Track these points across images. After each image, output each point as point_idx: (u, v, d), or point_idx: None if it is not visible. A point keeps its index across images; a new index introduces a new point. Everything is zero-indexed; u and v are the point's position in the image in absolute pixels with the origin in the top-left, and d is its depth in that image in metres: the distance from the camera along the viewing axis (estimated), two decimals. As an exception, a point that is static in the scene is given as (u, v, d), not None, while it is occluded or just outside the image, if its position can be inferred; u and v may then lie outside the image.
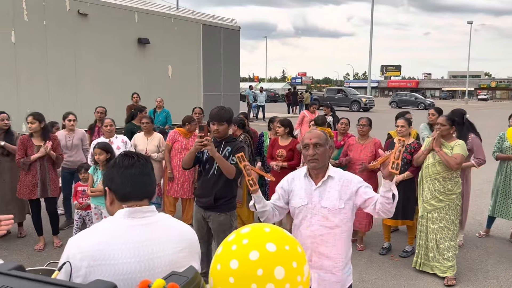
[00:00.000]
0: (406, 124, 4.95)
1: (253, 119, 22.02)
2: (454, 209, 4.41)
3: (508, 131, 5.39)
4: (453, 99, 69.37)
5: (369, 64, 34.67)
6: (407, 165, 4.87)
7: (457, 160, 4.29)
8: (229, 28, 18.26)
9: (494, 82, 75.08)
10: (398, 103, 37.81)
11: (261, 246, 1.29)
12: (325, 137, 2.50)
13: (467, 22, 55.23)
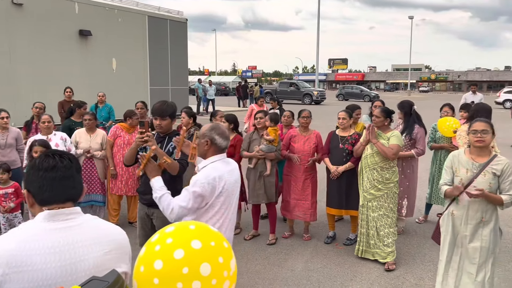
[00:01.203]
0: (347, 116, 5.08)
1: (203, 113, 21.83)
2: (392, 197, 4.61)
3: (438, 122, 5.70)
4: (397, 91, 72.40)
5: (316, 57, 35.34)
6: (349, 156, 5.01)
7: (393, 150, 4.47)
8: (176, 20, 17.90)
9: (433, 74, 79.16)
10: (345, 95, 38.89)
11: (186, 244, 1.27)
12: (203, 131, 2.74)
13: (408, 17, 57.80)
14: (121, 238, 1.56)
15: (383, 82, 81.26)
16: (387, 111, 4.68)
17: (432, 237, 3.76)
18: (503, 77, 70.26)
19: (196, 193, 2.58)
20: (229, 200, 2.72)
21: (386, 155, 4.49)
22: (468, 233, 3.32)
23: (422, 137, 5.34)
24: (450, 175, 3.41)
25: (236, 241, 5.29)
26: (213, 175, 2.61)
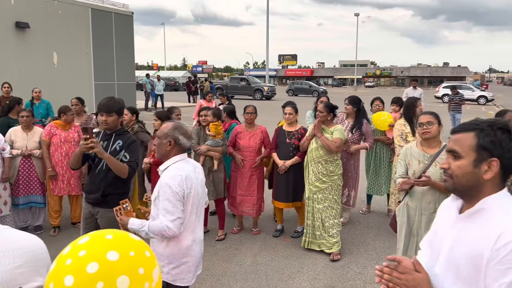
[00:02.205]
0: (293, 112, 5.17)
1: (151, 109, 21.35)
2: (336, 189, 4.75)
3: (373, 117, 5.95)
4: (344, 87, 74.53)
5: (266, 53, 35.60)
6: (295, 150, 5.10)
7: (337, 144, 4.61)
8: (121, 13, 17.35)
9: (378, 70, 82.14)
10: (295, 91, 39.47)
11: (101, 256, 1.17)
12: (164, 131, 2.62)
13: (354, 14, 59.51)
14: (38, 250, 1.40)
15: (331, 78, 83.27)
16: (331, 106, 4.81)
17: (390, 224, 3.97)
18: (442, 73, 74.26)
19: (176, 197, 2.50)
20: (197, 200, 2.67)
21: (330, 148, 4.62)
22: (423, 223, 3.48)
23: (369, 130, 5.59)
24: (404, 168, 3.57)
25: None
26: (180, 174, 2.54)
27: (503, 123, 1.42)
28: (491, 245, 1.30)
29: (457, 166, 1.43)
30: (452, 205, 1.55)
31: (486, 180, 1.40)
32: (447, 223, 1.52)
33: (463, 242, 1.41)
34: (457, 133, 1.47)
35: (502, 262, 1.28)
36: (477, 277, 1.34)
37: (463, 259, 1.38)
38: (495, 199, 1.39)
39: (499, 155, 1.38)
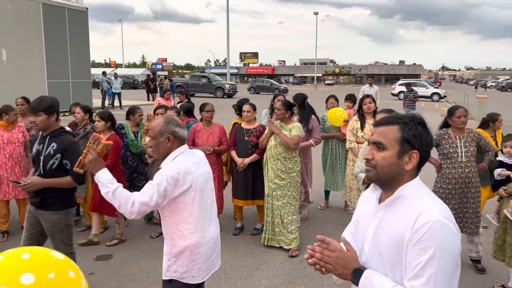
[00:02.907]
0: (252, 109, 5.17)
1: (108, 107, 20.77)
2: (295, 186, 4.80)
3: (328, 113, 6.06)
4: (305, 84, 75.57)
5: (227, 51, 35.47)
6: (254, 148, 5.10)
7: (295, 140, 4.65)
8: (75, 9, 16.77)
9: (338, 68, 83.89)
10: (256, 89, 39.60)
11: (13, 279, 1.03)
12: (158, 130, 2.45)
13: (314, 13, 60.25)
14: None
15: (292, 76, 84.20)
16: (288, 104, 4.84)
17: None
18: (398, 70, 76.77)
19: (162, 187, 2.33)
20: (201, 195, 2.51)
21: (288, 145, 4.65)
22: None
23: (317, 127, 5.66)
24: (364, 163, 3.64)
25: (142, 240, 5.14)
26: (178, 169, 2.39)
27: (421, 119, 1.53)
28: (410, 227, 1.39)
29: (382, 157, 1.50)
30: (371, 196, 1.64)
31: (407, 170, 1.49)
32: (368, 213, 1.60)
33: (385, 229, 1.49)
34: (382, 126, 1.53)
35: (420, 242, 1.37)
36: (400, 260, 1.43)
37: (387, 245, 1.47)
38: (411, 186, 1.49)
39: (419, 147, 1.49)
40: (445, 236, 1.37)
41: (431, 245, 1.35)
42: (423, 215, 1.39)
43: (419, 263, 1.36)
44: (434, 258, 1.35)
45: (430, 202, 1.46)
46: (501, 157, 3.97)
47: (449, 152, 4.22)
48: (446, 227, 1.38)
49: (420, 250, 1.37)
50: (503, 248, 3.87)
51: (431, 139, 1.53)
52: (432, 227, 1.36)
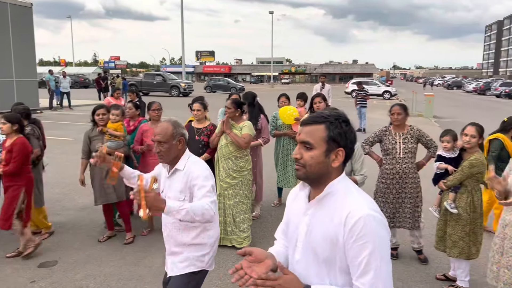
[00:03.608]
0: (202, 108, 5.11)
1: (57, 108, 19.95)
2: (246, 184, 4.79)
3: (280, 111, 6.13)
4: (262, 83, 75.98)
5: (182, 49, 35.01)
6: (205, 147, 5.05)
7: (246, 139, 4.65)
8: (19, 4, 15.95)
9: (294, 67, 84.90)
10: (213, 87, 39.38)
11: None
12: (170, 133, 2.51)
13: (269, 12, 60.73)
14: None
15: (249, 75, 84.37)
16: (238, 102, 4.83)
17: None
18: (351, 69, 78.77)
19: (211, 182, 2.54)
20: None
21: (239, 144, 4.64)
22: None
23: (266, 126, 5.70)
24: None
25: (90, 245, 4.95)
26: (206, 165, 2.63)
27: (345, 117, 1.57)
28: (343, 226, 1.44)
29: (310, 156, 1.52)
30: (300, 194, 1.66)
31: (334, 168, 1.53)
32: (299, 211, 1.63)
33: (316, 225, 1.52)
34: (309, 125, 1.55)
35: (358, 239, 1.41)
36: (335, 256, 1.47)
37: (319, 241, 1.50)
38: (338, 182, 1.54)
39: (344, 145, 1.53)
40: (378, 228, 1.43)
41: (369, 240, 1.40)
42: (353, 212, 1.43)
43: (362, 259, 1.41)
44: (375, 251, 1.40)
45: (358, 197, 1.50)
46: (440, 151, 4.14)
47: (388, 148, 4.37)
48: (377, 219, 1.44)
49: (360, 247, 1.41)
50: (444, 239, 4.04)
51: (355, 136, 1.57)
52: (366, 222, 1.41)
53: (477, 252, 3.91)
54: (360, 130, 14.14)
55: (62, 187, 7.27)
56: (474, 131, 3.79)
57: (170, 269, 2.69)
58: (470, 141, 3.80)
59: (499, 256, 3.18)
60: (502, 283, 3.12)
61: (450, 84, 59.20)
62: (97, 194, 4.86)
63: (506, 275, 3.08)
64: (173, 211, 2.24)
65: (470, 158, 3.81)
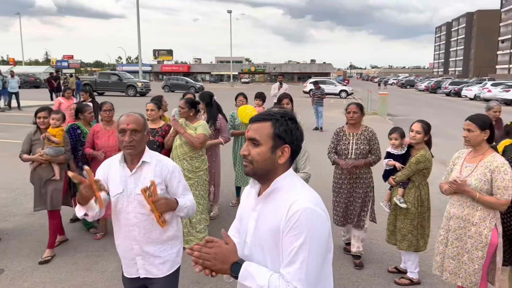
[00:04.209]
0: (155, 108, 5.03)
1: (5, 109, 18.99)
2: (202, 185, 4.76)
3: (239, 110, 6.15)
4: (222, 83, 75.74)
5: (139, 47, 34.27)
6: (160, 148, 4.97)
7: (200, 139, 4.61)
8: (-40, -1, 15.01)
9: (253, 67, 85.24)
10: (171, 87, 38.80)
11: None
12: (143, 122, 2.44)
13: (227, 11, 60.57)
14: None
15: (208, 74, 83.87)
16: (192, 101, 4.78)
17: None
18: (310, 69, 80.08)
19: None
20: None
21: (193, 144, 4.59)
22: None
23: (225, 125, 5.70)
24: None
25: (41, 251, 4.75)
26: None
27: (292, 114, 1.61)
28: (284, 217, 1.47)
29: (257, 153, 1.55)
30: (251, 191, 1.70)
31: (280, 164, 1.57)
32: (249, 207, 1.66)
33: (263, 220, 1.55)
34: (256, 122, 1.58)
35: (293, 229, 1.44)
36: (278, 249, 1.49)
37: (266, 236, 1.53)
38: (284, 178, 1.57)
39: (290, 142, 1.56)
40: (315, 221, 1.45)
41: (302, 231, 1.43)
42: (294, 204, 1.47)
43: (292, 249, 1.43)
44: (305, 243, 1.42)
45: (301, 191, 1.53)
46: (389, 149, 4.27)
47: (342, 149, 4.40)
48: (316, 213, 1.46)
49: (293, 237, 1.44)
50: (394, 233, 4.18)
51: (301, 134, 1.61)
52: (302, 214, 1.44)
53: (425, 245, 4.08)
54: (318, 129, 14.40)
55: (9, 191, 6.94)
56: (420, 127, 3.95)
57: (145, 271, 2.50)
58: (416, 137, 3.96)
59: (443, 247, 3.32)
60: (448, 273, 3.26)
61: (403, 83, 61.43)
62: (35, 200, 4.62)
63: (451, 265, 3.23)
64: (182, 208, 2.43)
65: (416, 155, 3.96)
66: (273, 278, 1.45)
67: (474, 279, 3.11)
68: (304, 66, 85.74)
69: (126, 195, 2.40)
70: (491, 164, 3.03)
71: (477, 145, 3.14)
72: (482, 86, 32.77)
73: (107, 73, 33.96)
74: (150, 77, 77.80)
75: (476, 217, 3.09)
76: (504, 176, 2.98)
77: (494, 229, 3.07)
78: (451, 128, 14.76)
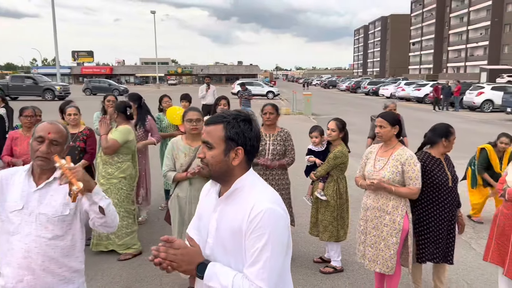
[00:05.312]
0: (78, 112, 4.90)
1: None
2: (116, 193, 4.55)
3: (168, 112, 6.15)
4: (147, 84, 73.86)
5: (55, 49, 32.34)
6: (82, 153, 4.81)
7: (107, 144, 4.40)
8: None
9: (180, 68, 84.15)
10: (92, 90, 37.17)
11: None
12: (66, 135, 2.19)
13: (151, 12, 59.15)
14: None
15: (133, 76, 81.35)
16: (119, 106, 4.70)
17: (165, 219, 4.07)
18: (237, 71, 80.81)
19: None
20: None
21: (102, 148, 4.49)
22: (193, 211, 3.66)
23: (154, 126, 5.70)
24: (172, 161, 3.73)
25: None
26: None
27: (246, 115, 1.64)
28: (246, 218, 1.52)
29: (211, 156, 1.59)
30: (212, 190, 1.73)
31: (235, 166, 1.60)
32: (209, 207, 1.69)
33: (225, 221, 1.60)
34: (209, 125, 1.61)
35: (255, 230, 1.50)
36: (240, 250, 1.55)
37: (228, 236, 1.57)
38: (244, 179, 1.61)
39: (243, 143, 1.59)
40: (275, 221, 1.52)
41: (264, 232, 1.49)
42: (256, 206, 1.52)
43: (255, 250, 1.49)
44: (268, 244, 1.48)
45: (262, 191, 1.60)
46: (310, 146, 4.52)
47: (259, 150, 4.51)
48: (276, 212, 1.53)
49: (255, 238, 1.49)
50: (316, 225, 4.43)
51: (256, 135, 1.64)
52: (264, 215, 1.49)
53: (345, 235, 4.37)
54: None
55: None
56: (335, 125, 4.24)
57: None
58: (331, 134, 4.25)
59: (364, 236, 3.60)
60: (368, 260, 3.54)
61: (326, 84, 64.18)
62: None
63: (371, 253, 3.51)
64: (100, 195, 2.04)
65: (334, 151, 4.25)
66: (237, 278, 1.50)
67: (390, 264, 3.40)
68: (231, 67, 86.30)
69: (26, 214, 2.06)
70: (401, 157, 3.35)
71: (388, 140, 3.46)
72: (397, 86, 35.22)
73: (20, 76, 31.77)
74: (70, 80, 73.76)
75: (390, 206, 3.40)
76: (414, 168, 3.31)
77: (405, 216, 3.40)
78: (369, 125, 15.72)
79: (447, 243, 3.59)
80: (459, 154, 4.62)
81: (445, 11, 79.40)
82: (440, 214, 3.53)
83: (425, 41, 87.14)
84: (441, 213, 3.53)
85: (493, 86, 23.45)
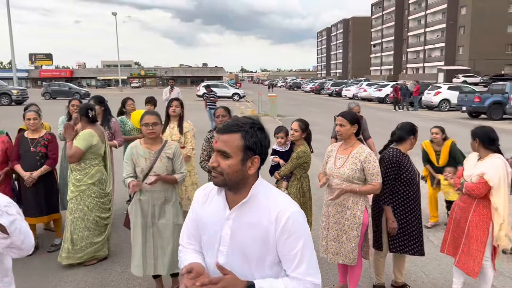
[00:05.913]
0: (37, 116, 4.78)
1: None
2: (86, 200, 4.43)
3: (132, 115, 6.10)
4: (109, 87, 72.25)
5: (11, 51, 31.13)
6: (44, 158, 4.72)
7: (70, 152, 4.28)
8: None
9: (143, 71, 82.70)
10: (52, 94, 36.03)
11: None
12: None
13: (112, 13, 57.94)
14: None
15: (94, 79, 79.31)
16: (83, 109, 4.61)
17: (124, 225, 3.98)
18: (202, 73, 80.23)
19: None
20: None
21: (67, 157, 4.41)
22: (157, 212, 3.69)
23: (118, 129, 5.67)
24: (131, 166, 3.67)
25: None
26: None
27: (260, 124, 1.65)
28: (274, 224, 1.58)
29: (228, 165, 1.56)
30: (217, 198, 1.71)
31: (250, 175, 1.61)
32: (218, 215, 1.67)
33: (244, 227, 1.62)
34: (225, 134, 1.58)
35: (290, 235, 1.58)
36: (264, 254, 1.61)
37: (249, 242, 1.61)
38: (258, 185, 1.65)
39: (260, 152, 1.62)
40: (303, 221, 1.63)
41: (300, 234, 1.58)
42: (283, 211, 1.58)
43: (297, 252, 1.58)
44: (306, 243, 1.59)
45: (282, 198, 1.65)
46: (274, 146, 4.61)
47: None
48: (301, 213, 1.64)
49: (293, 242, 1.57)
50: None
51: (269, 142, 1.67)
52: (295, 219, 1.58)
53: (309, 231, 4.49)
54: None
55: None
56: (297, 126, 4.36)
57: None
58: (294, 135, 4.37)
59: (326, 231, 3.73)
60: (331, 254, 3.67)
61: (291, 85, 64.90)
62: None
63: (334, 246, 3.64)
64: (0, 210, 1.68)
65: (297, 150, 4.36)
66: (287, 283, 1.58)
67: (352, 255, 3.56)
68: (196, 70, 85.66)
69: None
70: (360, 155, 3.51)
71: (347, 138, 3.60)
72: (359, 87, 36.10)
73: (-28, 81, 30.37)
74: (27, 84, 71.12)
75: (350, 202, 3.55)
76: (373, 164, 3.48)
77: (365, 211, 3.57)
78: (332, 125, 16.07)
79: (420, 235, 3.82)
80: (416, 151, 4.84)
81: (404, 13, 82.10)
82: (413, 207, 3.77)
83: (386, 43, 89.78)
84: (415, 206, 3.78)
85: (449, 86, 24.46)
